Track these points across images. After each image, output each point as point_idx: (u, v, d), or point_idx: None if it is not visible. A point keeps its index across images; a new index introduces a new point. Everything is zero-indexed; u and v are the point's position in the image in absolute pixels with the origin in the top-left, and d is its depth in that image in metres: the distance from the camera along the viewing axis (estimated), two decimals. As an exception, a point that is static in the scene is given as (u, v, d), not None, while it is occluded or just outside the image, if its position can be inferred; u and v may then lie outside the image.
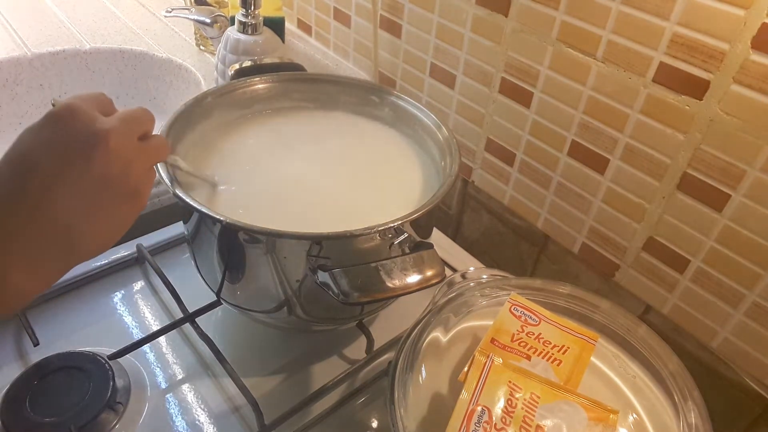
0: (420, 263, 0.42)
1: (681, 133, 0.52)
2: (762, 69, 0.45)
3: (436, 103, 0.77)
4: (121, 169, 0.33)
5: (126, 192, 0.34)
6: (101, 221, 0.33)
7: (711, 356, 0.56)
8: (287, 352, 0.58)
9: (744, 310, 0.52)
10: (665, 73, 0.51)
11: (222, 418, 0.51)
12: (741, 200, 0.49)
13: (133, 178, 0.34)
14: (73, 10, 1.09)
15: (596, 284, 0.65)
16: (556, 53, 0.59)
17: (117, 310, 0.60)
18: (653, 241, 0.58)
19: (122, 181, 0.33)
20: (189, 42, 1.03)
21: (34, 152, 0.31)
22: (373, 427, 0.53)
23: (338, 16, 0.89)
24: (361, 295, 0.40)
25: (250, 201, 0.51)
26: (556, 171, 0.65)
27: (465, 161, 0.76)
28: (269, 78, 0.62)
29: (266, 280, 0.48)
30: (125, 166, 0.33)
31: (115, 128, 0.33)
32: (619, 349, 0.49)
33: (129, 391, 0.52)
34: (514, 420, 0.39)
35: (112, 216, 0.34)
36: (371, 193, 0.54)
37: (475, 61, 0.68)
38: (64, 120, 0.32)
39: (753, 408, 0.54)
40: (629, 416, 0.44)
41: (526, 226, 0.71)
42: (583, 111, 0.59)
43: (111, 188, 0.33)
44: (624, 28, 0.53)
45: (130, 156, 0.34)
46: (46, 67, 0.94)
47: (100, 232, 0.34)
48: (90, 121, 0.32)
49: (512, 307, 0.48)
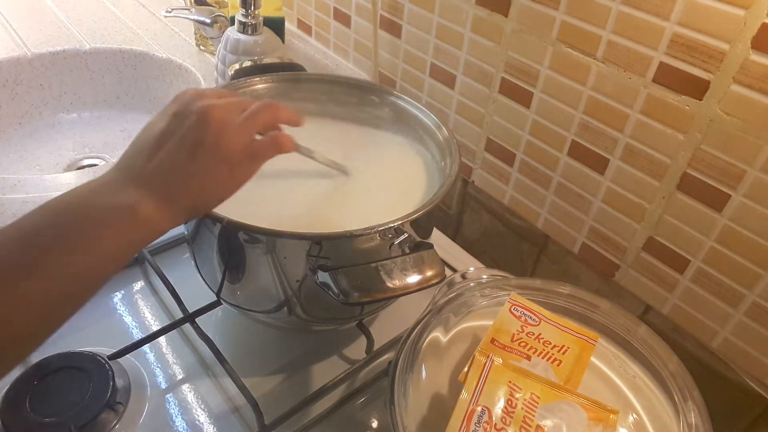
0: (420, 263, 0.42)
1: (681, 133, 0.52)
2: (762, 69, 0.45)
3: (436, 103, 0.77)
4: (214, 136, 0.38)
5: (218, 159, 0.39)
6: (195, 182, 0.39)
7: (711, 356, 0.56)
8: (287, 352, 0.58)
9: (744, 310, 0.52)
10: (665, 73, 0.51)
11: (222, 418, 0.51)
12: (741, 200, 0.49)
13: (225, 146, 0.39)
14: (73, 10, 1.09)
15: (596, 284, 0.65)
16: (556, 53, 0.59)
17: (117, 310, 0.60)
18: (653, 241, 0.58)
19: (214, 149, 0.38)
20: (189, 42, 1.03)
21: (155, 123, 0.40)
22: (373, 427, 0.53)
23: (338, 16, 0.89)
24: (361, 295, 0.40)
25: (250, 201, 0.51)
26: (556, 171, 0.65)
27: (465, 161, 0.76)
28: (269, 78, 0.62)
29: (266, 280, 0.48)
30: (218, 134, 0.39)
31: (214, 105, 0.39)
32: (619, 349, 0.49)
33: (129, 391, 0.52)
34: (514, 420, 0.39)
35: (204, 179, 0.39)
36: (371, 193, 0.54)
37: (475, 61, 0.68)
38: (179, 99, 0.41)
39: (753, 408, 0.54)
40: (629, 416, 0.44)
41: (526, 226, 0.71)
42: (583, 111, 0.59)
43: (202, 154, 0.38)
44: (624, 28, 0.53)
45: (221, 127, 0.39)
46: (46, 67, 0.94)
47: (197, 191, 0.39)
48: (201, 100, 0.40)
49: (512, 307, 0.48)
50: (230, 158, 0.39)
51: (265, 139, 0.43)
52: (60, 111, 0.97)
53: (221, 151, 0.39)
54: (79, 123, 0.97)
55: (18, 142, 0.90)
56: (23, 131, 0.92)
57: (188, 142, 0.38)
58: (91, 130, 0.96)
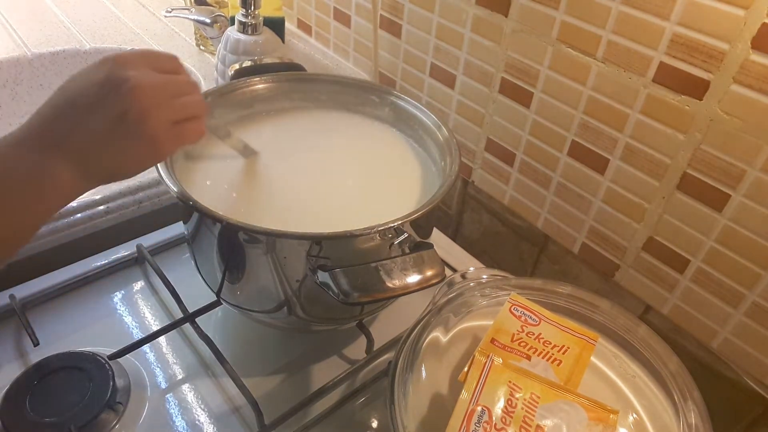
0: (420, 263, 0.42)
1: (681, 133, 0.52)
2: (762, 69, 0.45)
3: (436, 103, 0.77)
4: (138, 113, 0.38)
5: (140, 135, 0.38)
6: (114, 153, 0.38)
7: (711, 356, 0.56)
8: (287, 352, 0.58)
9: (744, 310, 0.52)
10: (665, 73, 0.51)
11: (222, 418, 0.51)
12: (741, 200, 0.49)
13: (151, 125, 0.38)
14: (73, 10, 1.09)
15: (596, 284, 0.65)
16: (556, 53, 0.59)
17: (117, 310, 0.60)
18: (653, 241, 0.58)
19: (138, 124, 0.38)
20: (189, 42, 1.03)
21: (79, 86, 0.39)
22: (373, 427, 0.53)
23: (338, 16, 0.89)
24: (361, 295, 0.40)
25: (250, 201, 0.51)
26: (556, 171, 0.65)
27: (465, 161, 0.76)
28: (269, 78, 0.62)
29: (266, 280, 0.48)
30: (143, 112, 0.38)
31: (146, 80, 0.38)
32: (619, 349, 0.49)
33: (129, 391, 0.52)
34: (514, 420, 0.39)
35: (124, 152, 0.39)
36: (371, 193, 0.54)
37: (475, 61, 0.68)
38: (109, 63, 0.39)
39: (753, 408, 0.54)
40: (629, 416, 0.44)
41: (526, 226, 0.71)
42: (583, 111, 0.59)
43: (124, 128, 0.38)
44: (624, 28, 0.53)
45: (151, 105, 0.38)
46: (46, 67, 0.94)
47: (116, 162, 0.39)
48: (130, 69, 0.39)
49: (512, 307, 0.48)
50: (152, 137, 0.39)
51: (189, 125, 0.42)
52: (60, 111, 0.97)
53: (145, 129, 0.38)
54: (79, 123, 0.97)
55: (18, 142, 0.90)
56: (23, 131, 0.92)
57: (112, 115, 0.37)
58: (91, 130, 0.96)
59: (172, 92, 0.40)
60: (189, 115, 0.42)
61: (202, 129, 0.43)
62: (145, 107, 0.38)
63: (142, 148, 0.39)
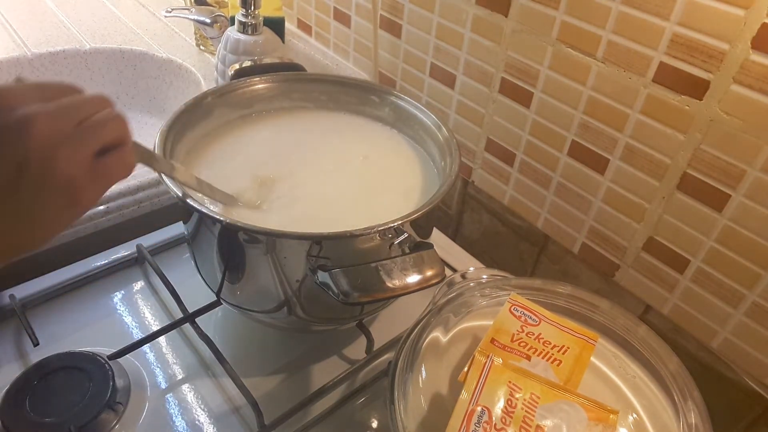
0: (420, 263, 0.42)
1: (681, 133, 0.52)
2: (762, 69, 0.45)
3: (436, 103, 0.77)
4: (40, 158, 0.29)
5: (52, 184, 0.30)
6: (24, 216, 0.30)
7: (711, 356, 0.56)
8: (287, 352, 0.58)
9: (744, 310, 0.52)
10: (665, 73, 0.51)
11: (222, 418, 0.51)
12: (741, 200, 0.49)
13: (60, 169, 0.29)
14: (73, 10, 1.09)
15: (596, 284, 0.65)
16: (556, 53, 0.59)
17: (117, 310, 0.60)
18: (653, 241, 0.58)
19: (43, 173, 0.29)
20: (189, 42, 1.03)
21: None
22: (373, 427, 0.53)
23: (338, 16, 0.89)
24: (361, 295, 0.40)
25: (250, 200, 0.51)
26: (556, 171, 0.65)
27: (465, 161, 0.76)
28: (269, 78, 0.62)
29: (266, 280, 0.48)
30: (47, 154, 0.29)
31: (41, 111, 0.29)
32: (619, 349, 0.49)
33: (129, 391, 0.52)
34: (514, 420, 0.39)
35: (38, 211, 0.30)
36: (371, 193, 0.54)
37: (475, 61, 0.68)
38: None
39: (753, 408, 0.54)
40: (629, 416, 0.44)
41: (526, 226, 0.71)
42: (583, 111, 0.59)
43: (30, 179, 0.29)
44: (624, 28, 0.53)
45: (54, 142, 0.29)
46: (46, 67, 0.94)
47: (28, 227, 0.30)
48: (16, 105, 0.29)
49: (512, 307, 0.48)
50: (66, 184, 0.30)
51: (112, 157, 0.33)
52: (60, 111, 0.97)
53: (56, 180, 0.29)
54: (79, 123, 0.97)
55: (18, 142, 0.90)
56: (23, 131, 0.92)
57: (7, 167, 0.28)
58: (91, 130, 0.96)
59: (76, 117, 0.31)
60: (108, 140, 0.33)
61: (129, 160, 0.34)
62: (46, 146, 0.29)
63: (55, 202, 0.30)
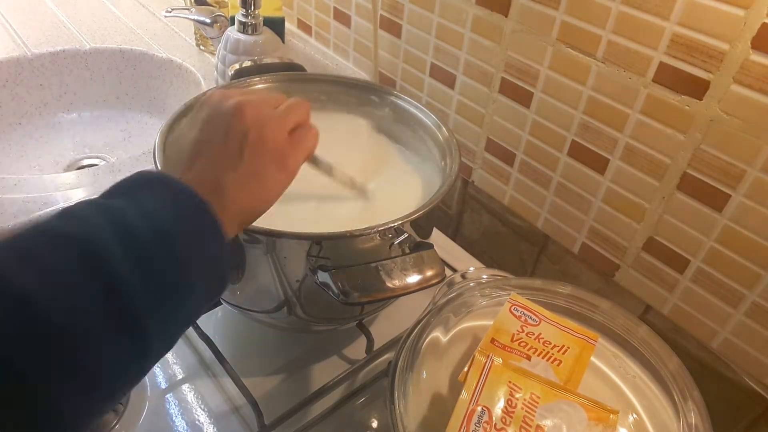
0: (420, 263, 0.42)
1: (681, 133, 0.52)
2: (762, 69, 0.45)
3: (436, 103, 0.77)
4: (257, 131, 0.37)
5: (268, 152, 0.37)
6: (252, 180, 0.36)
7: (711, 356, 0.56)
8: (287, 352, 0.58)
9: (744, 310, 0.52)
10: (665, 73, 0.51)
11: (222, 418, 0.51)
12: (741, 200, 0.49)
13: (272, 139, 0.37)
14: (73, 10, 1.09)
15: (596, 284, 0.65)
16: (556, 53, 0.59)
17: (117, 310, 0.60)
18: (653, 241, 0.58)
19: (260, 142, 0.37)
20: (189, 42, 1.03)
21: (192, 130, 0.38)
22: (373, 427, 0.53)
23: (338, 16, 0.89)
24: (361, 295, 0.40)
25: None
26: (556, 171, 0.65)
27: (465, 161, 0.76)
28: (269, 78, 0.62)
29: (266, 280, 0.48)
30: (260, 129, 0.37)
31: (250, 101, 0.37)
32: (619, 349, 0.49)
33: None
34: (514, 420, 0.39)
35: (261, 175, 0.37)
36: (371, 193, 0.54)
37: (475, 61, 0.68)
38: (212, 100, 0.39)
39: (753, 408, 0.54)
40: (629, 416, 0.44)
41: (526, 226, 0.71)
42: (583, 111, 0.59)
43: (251, 149, 0.36)
44: (624, 28, 0.53)
45: (263, 120, 0.37)
46: (46, 67, 0.94)
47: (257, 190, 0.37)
48: (228, 98, 0.38)
49: (512, 307, 0.48)
50: (278, 152, 0.37)
51: (302, 131, 0.41)
52: (60, 111, 0.97)
53: (268, 146, 0.37)
54: (79, 123, 0.97)
55: (18, 142, 0.90)
56: (23, 131, 0.92)
57: (232, 143, 0.36)
58: (91, 130, 0.96)
59: (271, 104, 0.40)
60: (297, 119, 0.40)
61: (315, 131, 0.42)
62: (258, 123, 0.37)
63: (272, 168, 0.37)
